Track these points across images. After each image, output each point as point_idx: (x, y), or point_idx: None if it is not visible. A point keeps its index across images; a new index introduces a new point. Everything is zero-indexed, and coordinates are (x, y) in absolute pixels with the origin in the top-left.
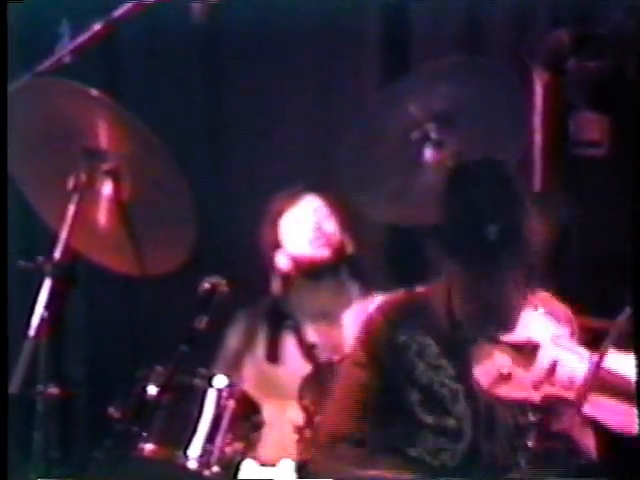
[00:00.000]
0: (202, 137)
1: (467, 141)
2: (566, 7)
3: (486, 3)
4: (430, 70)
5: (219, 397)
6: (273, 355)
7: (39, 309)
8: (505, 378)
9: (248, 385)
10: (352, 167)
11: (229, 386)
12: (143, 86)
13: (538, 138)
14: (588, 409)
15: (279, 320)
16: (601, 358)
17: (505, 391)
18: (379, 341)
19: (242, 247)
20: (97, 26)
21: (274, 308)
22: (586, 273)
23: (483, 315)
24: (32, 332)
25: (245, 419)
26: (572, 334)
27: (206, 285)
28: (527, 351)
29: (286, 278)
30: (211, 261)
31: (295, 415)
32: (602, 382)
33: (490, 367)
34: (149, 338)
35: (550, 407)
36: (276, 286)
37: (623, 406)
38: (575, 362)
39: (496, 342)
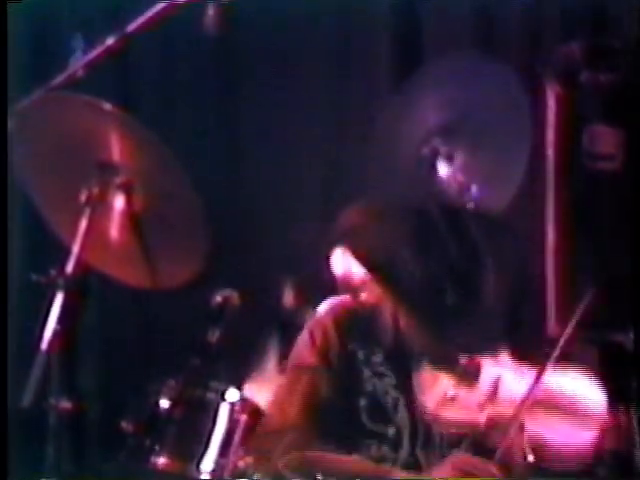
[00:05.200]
0: (215, 150)
1: (476, 152)
2: (579, 19)
3: (498, 15)
4: (435, 77)
5: (232, 411)
6: (285, 368)
7: (51, 323)
8: (450, 400)
9: (261, 398)
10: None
11: (241, 400)
12: (156, 99)
13: (550, 151)
14: (532, 427)
15: (291, 332)
16: (541, 373)
17: (450, 413)
18: (329, 345)
19: (255, 260)
20: (110, 40)
21: (287, 320)
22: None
23: (432, 342)
24: (44, 346)
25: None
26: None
27: (218, 298)
28: (471, 370)
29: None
30: (224, 274)
31: None
32: (546, 400)
33: (435, 390)
34: (162, 351)
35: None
36: (289, 298)
37: (566, 425)
38: (517, 380)
39: (440, 364)
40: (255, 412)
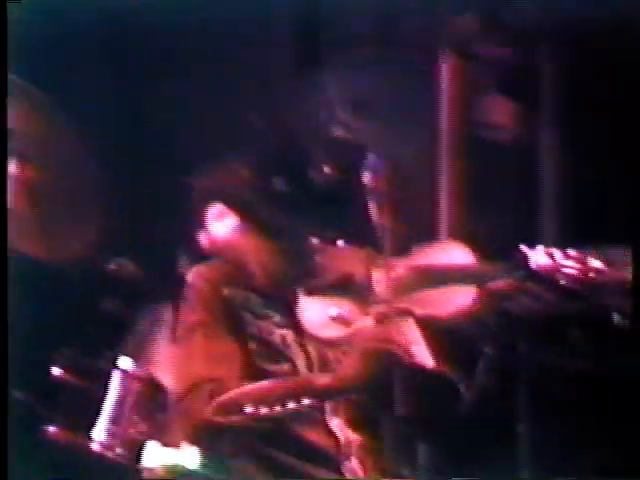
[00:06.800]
0: (121, 122)
1: (380, 132)
2: None
3: None
4: (340, 63)
5: (124, 379)
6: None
7: None
8: (337, 320)
9: (154, 367)
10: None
11: (134, 368)
12: (59, 69)
13: (444, 121)
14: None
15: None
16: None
17: (336, 331)
18: (204, 299)
19: (155, 232)
20: None
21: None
22: None
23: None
24: None
25: (151, 401)
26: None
27: (113, 266)
28: (343, 284)
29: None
30: (121, 244)
31: None
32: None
33: (317, 314)
34: (56, 320)
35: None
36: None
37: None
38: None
39: (312, 290)
40: (148, 380)
